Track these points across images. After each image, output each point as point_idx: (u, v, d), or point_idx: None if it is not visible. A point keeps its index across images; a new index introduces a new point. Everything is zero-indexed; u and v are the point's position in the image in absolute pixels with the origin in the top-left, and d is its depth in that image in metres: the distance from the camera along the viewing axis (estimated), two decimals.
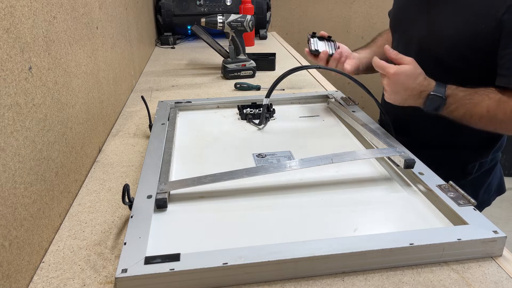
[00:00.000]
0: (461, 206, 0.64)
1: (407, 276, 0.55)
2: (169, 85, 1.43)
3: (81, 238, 0.65)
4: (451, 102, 0.85)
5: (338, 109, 1.07)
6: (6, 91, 0.53)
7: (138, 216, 0.63)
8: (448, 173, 0.77)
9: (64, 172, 0.72)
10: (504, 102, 0.83)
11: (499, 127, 0.86)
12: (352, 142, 0.94)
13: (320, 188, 0.75)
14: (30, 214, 0.58)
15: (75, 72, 0.81)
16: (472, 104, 0.84)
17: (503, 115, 0.83)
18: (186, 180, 0.72)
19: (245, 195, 0.73)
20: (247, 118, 1.05)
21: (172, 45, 2.06)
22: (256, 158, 0.85)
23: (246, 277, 0.54)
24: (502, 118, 0.83)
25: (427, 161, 0.79)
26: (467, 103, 0.85)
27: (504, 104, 0.83)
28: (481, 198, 1.06)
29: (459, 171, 1.02)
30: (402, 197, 0.71)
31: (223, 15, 1.47)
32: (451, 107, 0.85)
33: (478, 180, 1.05)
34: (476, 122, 0.86)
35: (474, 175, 1.03)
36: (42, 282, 0.56)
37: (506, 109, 0.83)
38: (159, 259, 0.53)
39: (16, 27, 0.57)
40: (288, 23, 2.63)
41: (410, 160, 0.75)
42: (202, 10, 2.09)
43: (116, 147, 0.96)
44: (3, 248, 0.50)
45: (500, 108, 0.83)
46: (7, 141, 0.53)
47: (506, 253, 0.59)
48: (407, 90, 0.85)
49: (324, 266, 0.55)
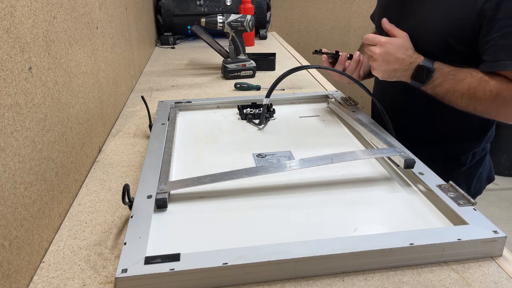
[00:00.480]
0: (461, 206, 0.64)
1: (407, 276, 0.55)
2: (169, 85, 1.43)
3: (81, 238, 0.65)
4: (437, 76, 0.88)
5: (338, 109, 1.07)
6: (6, 91, 0.53)
7: (138, 216, 0.63)
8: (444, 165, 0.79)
9: (64, 172, 0.72)
10: (485, 81, 0.85)
11: (479, 107, 0.88)
12: (352, 142, 0.94)
13: (320, 188, 0.75)
14: (30, 214, 0.58)
15: (75, 72, 0.81)
16: (455, 81, 0.87)
17: (483, 94, 0.85)
18: (186, 180, 0.72)
19: (245, 195, 0.73)
20: (247, 118, 1.05)
21: (172, 45, 2.06)
22: (256, 158, 0.85)
23: (246, 277, 0.54)
24: (481, 97, 0.85)
25: (424, 155, 0.80)
26: (451, 79, 0.88)
27: (484, 83, 0.85)
28: (474, 188, 1.09)
29: (455, 162, 1.05)
30: (402, 197, 0.71)
31: (223, 15, 1.47)
32: (436, 81, 0.88)
33: (471, 170, 1.07)
34: (457, 100, 0.88)
35: (467, 166, 1.05)
36: (42, 282, 0.56)
37: (486, 88, 0.85)
38: (159, 259, 0.53)
39: (16, 27, 0.57)
40: (288, 23, 2.63)
41: (410, 160, 0.75)
42: (202, 10, 2.09)
43: (116, 147, 0.96)
44: (3, 248, 0.50)
45: (480, 86, 0.85)
46: (7, 141, 0.53)
47: (506, 253, 0.59)
48: (397, 60, 0.89)
49: (324, 266, 0.55)
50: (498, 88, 0.84)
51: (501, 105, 0.86)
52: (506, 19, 0.82)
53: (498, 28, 0.83)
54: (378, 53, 0.90)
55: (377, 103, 0.98)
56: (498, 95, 0.84)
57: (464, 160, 1.05)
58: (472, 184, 1.08)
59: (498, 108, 0.86)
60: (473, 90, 0.86)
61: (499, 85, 0.84)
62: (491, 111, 0.88)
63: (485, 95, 0.85)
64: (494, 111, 0.88)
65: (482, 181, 1.11)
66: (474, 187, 1.09)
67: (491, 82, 0.85)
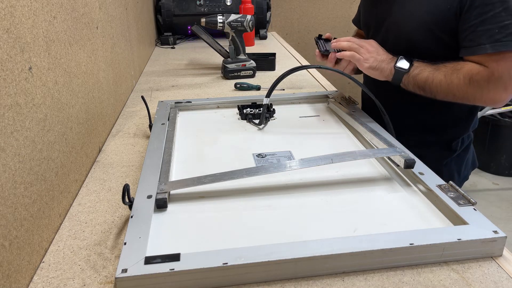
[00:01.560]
0: (461, 206, 0.64)
1: (407, 276, 0.55)
2: (169, 85, 1.43)
3: (81, 238, 0.65)
4: (417, 66, 0.97)
5: (338, 109, 1.07)
6: (6, 91, 0.53)
7: (138, 216, 0.63)
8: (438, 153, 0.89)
9: (64, 172, 0.72)
10: (457, 69, 0.93)
11: (457, 93, 0.94)
12: (352, 142, 0.94)
13: (320, 188, 0.75)
14: (30, 214, 0.58)
15: (75, 72, 0.81)
16: (433, 69, 0.95)
17: (457, 80, 0.92)
18: (186, 180, 0.72)
19: (245, 195, 0.73)
20: (247, 118, 1.05)
21: (172, 45, 2.06)
22: (256, 158, 0.85)
23: (246, 277, 0.54)
24: (457, 83, 0.92)
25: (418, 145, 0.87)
26: (429, 69, 0.96)
27: (457, 70, 0.92)
28: (463, 174, 1.16)
29: (447, 149, 1.11)
30: (402, 197, 0.71)
31: (223, 15, 1.47)
32: (416, 70, 0.97)
33: (460, 156, 1.13)
34: (437, 89, 0.95)
35: (457, 152, 1.11)
36: (42, 282, 0.56)
37: (459, 74, 0.92)
38: (159, 259, 0.53)
39: (16, 27, 0.57)
40: (288, 23, 2.63)
41: (410, 160, 0.75)
42: (202, 10, 2.09)
43: (116, 147, 0.96)
44: (3, 248, 0.50)
45: (454, 73, 0.93)
46: (7, 141, 0.53)
47: (506, 253, 0.59)
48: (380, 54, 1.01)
49: (324, 266, 0.55)
50: (470, 73, 0.91)
51: (476, 89, 0.92)
52: (483, 6, 0.88)
53: (476, 15, 0.90)
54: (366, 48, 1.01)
55: (378, 103, 0.98)
56: (471, 79, 0.91)
57: (455, 146, 1.10)
58: (461, 170, 1.15)
59: (475, 92, 0.92)
60: (449, 77, 0.93)
61: (470, 70, 0.91)
62: (469, 96, 0.94)
63: (459, 81, 0.92)
64: (472, 95, 0.93)
65: (469, 167, 1.19)
66: (463, 173, 1.16)
67: (464, 69, 0.92)
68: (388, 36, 1.08)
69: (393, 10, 1.06)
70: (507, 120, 2.73)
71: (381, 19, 1.11)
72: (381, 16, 1.11)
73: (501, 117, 2.75)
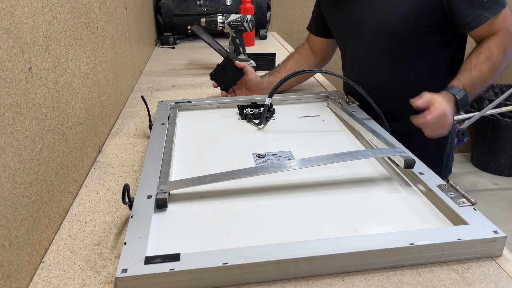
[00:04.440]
0: (461, 206, 0.64)
1: (407, 276, 0.55)
2: (169, 85, 1.43)
3: (81, 238, 0.65)
4: (465, 86, 0.96)
5: (338, 109, 1.07)
6: (6, 91, 0.53)
7: (138, 216, 0.63)
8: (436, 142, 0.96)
9: (64, 172, 0.72)
10: (487, 53, 0.97)
11: (502, 68, 0.99)
12: (352, 142, 0.94)
13: (320, 188, 0.75)
14: (30, 214, 0.58)
15: (75, 72, 0.81)
16: (473, 75, 0.96)
17: (498, 59, 0.97)
18: (186, 180, 0.72)
19: (245, 195, 0.73)
20: (247, 118, 1.05)
21: (172, 45, 2.06)
22: (256, 158, 0.85)
23: (246, 277, 0.54)
24: (498, 55, 0.97)
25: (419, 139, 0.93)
26: (474, 75, 0.96)
27: (489, 53, 0.97)
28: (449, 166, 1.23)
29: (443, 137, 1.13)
30: (402, 197, 0.71)
31: (223, 15, 1.47)
32: (469, 90, 0.96)
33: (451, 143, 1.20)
34: (492, 77, 0.98)
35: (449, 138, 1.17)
36: (42, 282, 0.56)
37: (493, 54, 0.97)
38: (159, 259, 0.53)
39: (16, 27, 0.57)
40: (288, 23, 2.63)
41: (410, 160, 0.75)
42: (202, 10, 2.09)
43: (116, 147, 0.96)
44: (3, 248, 0.50)
45: (489, 58, 0.97)
46: (7, 141, 0.53)
47: (506, 253, 0.59)
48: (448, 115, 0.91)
49: (324, 266, 0.55)
50: (498, 47, 0.97)
51: (506, 53, 0.98)
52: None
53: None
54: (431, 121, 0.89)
55: (377, 109, 0.98)
56: (505, 50, 0.97)
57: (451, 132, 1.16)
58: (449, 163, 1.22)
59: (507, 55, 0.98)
60: (490, 63, 0.96)
61: (493, 44, 0.97)
62: (508, 62, 1.00)
63: (499, 59, 0.97)
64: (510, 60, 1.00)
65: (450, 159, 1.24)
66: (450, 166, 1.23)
67: (490, 49, 0.97)
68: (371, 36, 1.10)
69: (371, 11, 1.08)
70: (507, 120, 2.73)
71: (358, 22, 1.12)
72: (357, 19, 1.11)
73: (501, 117, 2.75)
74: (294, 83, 1.31)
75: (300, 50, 1.36)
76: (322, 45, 1.32)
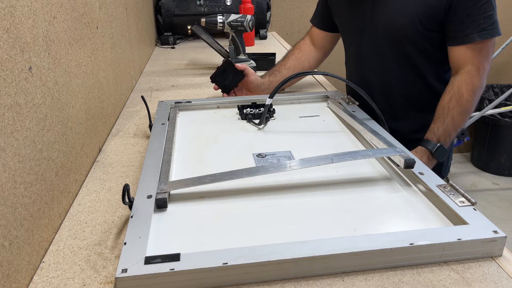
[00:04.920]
0: (461, 206, 0.64)
1: (407, 276, 0.55)
2: (169, 85, 1.43)
3: (81, 238, 0.65)
4: (439, 137, 1.04)
5: (338, 109, 1.07)
6: (6, 91, 0.53)
7: (138, 216, 0.63)
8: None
9: (64, 172, 0.72)
10: (457, 96, 1.02)
11: (470, 104, 1.04)
12: (352, 142, 0.94)
13: (320, 188, 0.75)
14: (30, 214, 0.58)
15: (75, 72, 0.81)
16: (448, 119, 1.03)
17: (467, 101, 1.02)
18: (186, 180, 0.72)
19: (245, 195, 0.73)
20: (247, 118, 1.05)
21: (172, 45, 2.06)
22: (256, 158, 0.85)
23: (246, 277, 0.54)
24: (467, 98, 1.02)
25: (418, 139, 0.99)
26: (447, 124, 1.03)
27: (459, 96, 1.02)
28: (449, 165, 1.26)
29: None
30: (402, 197, 0.71)
31: (223, 15, 1.47)
32: (444, 140, 1.04)
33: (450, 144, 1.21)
34: (464, 121, 1.05)
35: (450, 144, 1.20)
36: (42, 282, 0.56)
37: (462, 97, 1.02)
38: (159, 259, 0.53)
39: (16, 27, 0.57)
40: (288, 23, 2.63)
41: (410, 160, 0.75)
42: (202, 10, 2.09)
43: (116, 147, 0.96)
44: (3, 248, 0.50)
45: (459, 101, 1.02)
46: (7, 141, 0.53)
47: (506, 253, 0.59)
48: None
49: (324, 266, 0.55)
50: (466, 88, 1.02)
51: (479, 91, 1.03)
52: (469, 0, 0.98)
53: (464, 8, 0.98)
54: None
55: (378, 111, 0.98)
56: (473, 90, 1.02)
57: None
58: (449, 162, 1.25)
59: (480, 93, 1.04)
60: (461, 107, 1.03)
61: (461, 86, 1.02)
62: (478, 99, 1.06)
63: (469, 100, 1.02)
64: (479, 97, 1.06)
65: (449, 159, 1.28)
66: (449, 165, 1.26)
67: (459, 91, 1.02)
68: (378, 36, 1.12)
69: (380, 11, 1.09)
70: (507, 120, 2.73)
71: (367, 21, 1.13)
72: (366, 18, 1.13)
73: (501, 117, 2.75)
74: (294, 80, 1.32)
75: (301, 45, 1.36)
76: (324, 38, 1.33)
